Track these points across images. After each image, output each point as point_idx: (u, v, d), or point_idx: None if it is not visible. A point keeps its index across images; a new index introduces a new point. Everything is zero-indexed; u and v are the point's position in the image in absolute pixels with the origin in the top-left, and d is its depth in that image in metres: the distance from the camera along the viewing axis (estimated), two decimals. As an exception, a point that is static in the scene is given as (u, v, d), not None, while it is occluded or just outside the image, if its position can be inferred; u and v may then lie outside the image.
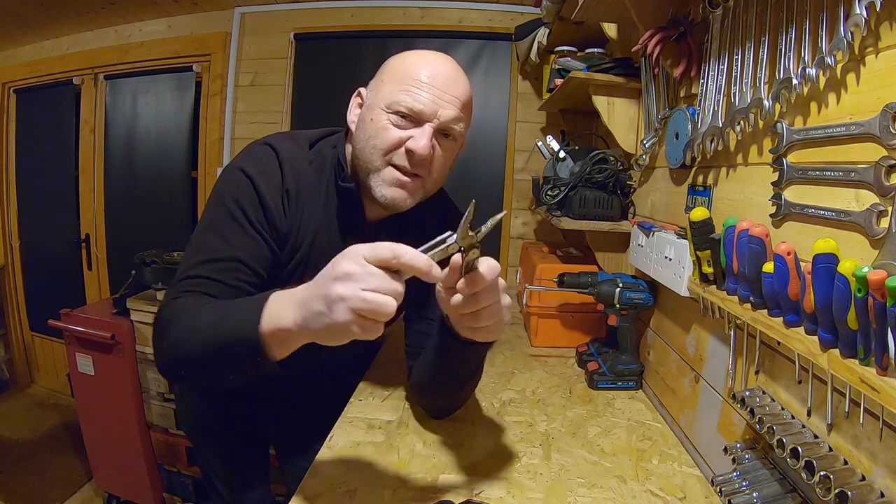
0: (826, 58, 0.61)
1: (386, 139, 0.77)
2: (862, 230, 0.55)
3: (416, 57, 0.80)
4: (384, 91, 0.78)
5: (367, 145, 0.79)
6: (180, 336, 0.67)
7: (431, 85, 0.77)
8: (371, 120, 0.79)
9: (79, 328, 1.91)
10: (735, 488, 0.69)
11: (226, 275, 0.75)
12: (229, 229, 0.78)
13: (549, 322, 1.47)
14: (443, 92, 0.77)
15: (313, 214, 0.85)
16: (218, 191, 0.82)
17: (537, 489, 0.79)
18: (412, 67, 0.78)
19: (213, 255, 0.76)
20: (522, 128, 2.31)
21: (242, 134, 2.47)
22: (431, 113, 0.77)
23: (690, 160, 0.97)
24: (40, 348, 3.06)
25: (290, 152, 0.84)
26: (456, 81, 0.79)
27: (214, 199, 0.81)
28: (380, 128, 0.78)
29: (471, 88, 0.83)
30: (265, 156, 0.83)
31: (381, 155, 0.78)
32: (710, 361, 0.92)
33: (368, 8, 2.36)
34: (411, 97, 0.76)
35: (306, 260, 0.85)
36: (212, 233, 0.78)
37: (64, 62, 2.73)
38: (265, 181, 0.80)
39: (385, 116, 0.77)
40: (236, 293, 0.74)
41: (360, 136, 0.81)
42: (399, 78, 0.78)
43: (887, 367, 0.47)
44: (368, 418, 0.99)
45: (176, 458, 2.07)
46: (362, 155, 0.80)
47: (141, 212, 2.70)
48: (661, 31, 0.97)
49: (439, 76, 0.77)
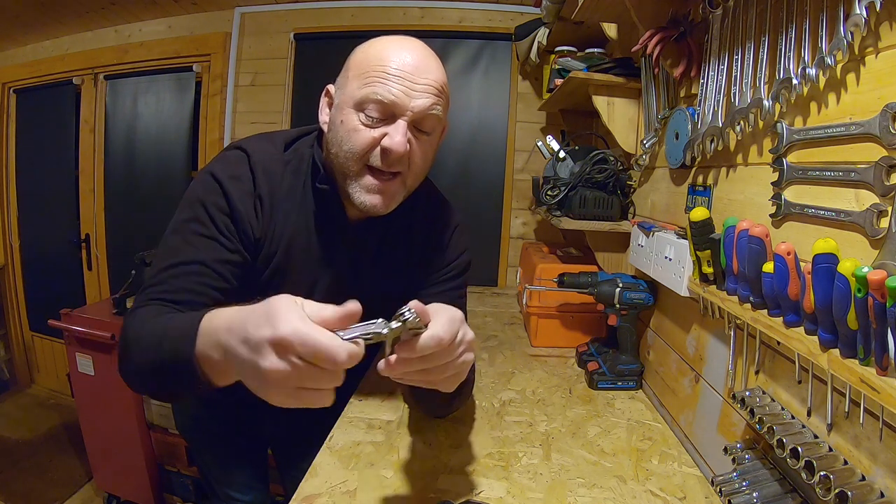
0: (826, 58, 0.61)
1: (359, 142, 0.73)
2: (862, 230, 0.55)
3: (380, 45, 0.74)
4: (350, 88, 0.73)
5: (340, 150, 0.75)
6: (132, 349, 0.66)
7: (399, 75, 0.71)
8: (342, 122, 0.74)
9: (79, 328, 1.91)
10: (735, 488, 0.69)
11: (189, 279, 0.72)
12: (194, 234, 0.75)
13: (549, 322, 1.47)
14: (413, 80, 0.71)
15: (288, 218, 0.82)
16: (187, 195, 0.79)
17: (537, 489, 0.79)
18: (376, 58, 0.72)
19: (177, 259, 0.73)
20: (522, 128, 2.31)
21: (242, 134, 2.46)
22: (403, 105, 0.71)
23: (690, 160, 0.97)
24: (40, 348, 3.06)
25: (264, 155, 0.81)
26: (426, 66, 0.73)
27: (184, 204, 0.79)
28: (351, 129, 0.73)
29: (443, 69, 0.77)
30: (237, 160, 0.80)
31: (356, 160, 0.74)
32: (710, 361, 0.92)
33: (368, 8, 2.36)
34: (379, 90, 0.70)
35: (284, 266, 0.83)
36: (177, 237, 0.76)
37: (64, 62, 2.73)
38: (235, 187, 0.77)
39: (355, 116, 0.72)
40: (202, 299, 0.72)
41: (333, 140, 0.76)
42: (364, 71, 0.72)
43: (887, 367, 0.47)
44: (368, 418, 0.99)
45: (176, 458, 2.06)
46: (337, 160, 0.76)
47: (141, 212, 2.70)
48: (661, 31, 0.97)
49: (407, 63, 0.71)
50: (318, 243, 0.85)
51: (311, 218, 0.84)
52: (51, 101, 2.83)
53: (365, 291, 0.94)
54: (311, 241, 0.84)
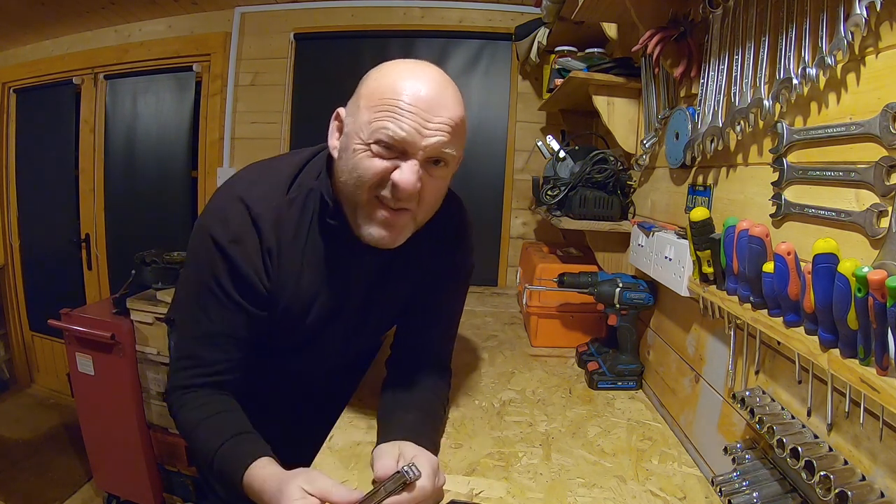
0: (826, 58, 0.61)
1: (369, 172, 0.70)
2: (862, 230, 0.55)
3: (395, 74, 0.70)
4: (361, 117, 0.70)
5: (350, 178, 0.72)
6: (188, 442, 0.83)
7: (412, 110, 0.67)
8: (353, 150, 0.71)
9: (79, 328, 1.91)
10: (735, 488, 0.69)
11: (218, 352, 0.81)
12: (210, 304, 0.79)
13: (549, 322, 1.47)
14: (427, 118, 0.68)
15: (297, 258, 0.82)
16: (194, 255, 0.82)
17: (537, 489, 0.79)
18: (389, 89, 0.69)
19: (201, 330, 0.81)
20: (522, 128, 2.31)
21: (242, 134, 2.47)
22: (415, 144, 0.68)
23: (690, 160, 0.97)
24: (40, 348, 3.06)
25: (265, 204, 0.78)
26: (440, 101, 0.69)
27: (192, 264, 0.83)
28: (362, 159, 0.70)
29: (462, 103, 0.73)
30: (237, 217, 0.76)
31: (366, 190, 0.71)
32: (710, 361, 0.92)
33: (368, 8, 2.36)
34: (389, 126, 0.67)
35: (293, 303, 0.84)
36: (196, 306, 0.81)
37: (64, 62, 2.73)
38: (239, 251, 0.76)
39: (366, 147, 0.70)
40: (233, 363, 0.82)
41: (342, 168, 0.74)
42: (377, 102, 0.69)
43: (887, 367, 0.47)
44: (368, 418, 0.99)
45: (176, 458, 2.07)
46: (346, 189, 0.74)
47: (141, 212, 2.70)
48: (662, 31, 0.97)
49: (421, 99, 0.68)
50: (330, 274, 0.85)
51: (321, 252, 0.83)
52: (51, 101, 2.83)
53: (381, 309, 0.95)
54: (323, 274, 0.84)
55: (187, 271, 0.85)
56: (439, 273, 0.94)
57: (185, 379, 0.81)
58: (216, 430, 0.77)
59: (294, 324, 0.87)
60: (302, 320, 0.87)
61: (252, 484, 0.70)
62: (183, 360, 0.82)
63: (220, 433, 0.77)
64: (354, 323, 0.93)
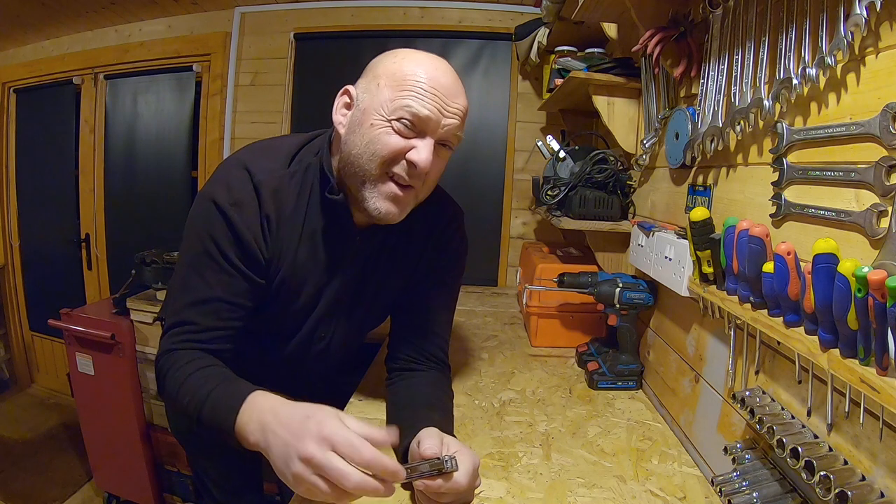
0: (826, 58, 0.61)
1: (388, 147, 0.73)
2: (862, 230, 0.55)
3: (416, 60, 0.75)
4: (383, 96, 0.73)
5: (364, 151, 0.74)
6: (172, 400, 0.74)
7: (434, 93, 0.73)
8: (371, 125, 0.74)
9: (79, 328, 1.91)
10: (735, 488, 0.69)
11: (211, 317, 0.77)
12: (209, 269, 0.77)
13: (549, 322, 1.47)
14: (447, 102, 0.74)
15: (295, 231, 0.83)
16: (193, 223, 0.80)
17: (537, 489, 0.79)
18: (412, 72, 0.74)
19: (196, 296, 0.77)
20: (522, 128, 2.31)
21: (242, 134, 2.47)
22: (436, 123, 0.73)
23: (690, 160, 0.97)
24: (40, 348, 3.06)
25: (268, 173, 0.80)
26: (456, 90, 0.76)
27: (191, 233, 0.80)
28: (380, 134, 0.73)
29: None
30: (239, 182, 0.78)
31: (379, 164, 0.74)
32: (710, 361, 0.92)
33: (368, 8, 2.36)
34: (415, 104, 0.72)
35: (290, 277, 0.84)
36: (192, 272, 0.79)
37: (64, 62, 2.73)
38: (240, 214, 0.77)
39: (386, 122, 0.73)
40: (227, 332, 0.79)
41: (354, 141, 0.76)
42: (400, 82, 0.73)
43: (887, 367, 0.47)
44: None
45: (176, 458, 2.06)
46: (357, 161, 0.75)
47: (141, 212, 2.70)
48: (662, 31, 0.97)
49: (443, 85, 0.74)
50: (324, 252, 0.85)
51: (319, 227, 0.84)
52: (51, 101, 2.83)
53: (371, 296, 0.95)
54: (317, 250, 0.85)
55: (186, 242, 0.81)
56: (433, 269, 0.96)
57: (176, 344, 0.77)
58: (205, 379, 0.72)
59: (288, 299, 0.86)
60: (296, 296, 0.86)
61: (255, 413, 0.63)
62: (175, 326, 0.78)
63: (210, 380, 0.71)
64: (345, 307, 0.93)
